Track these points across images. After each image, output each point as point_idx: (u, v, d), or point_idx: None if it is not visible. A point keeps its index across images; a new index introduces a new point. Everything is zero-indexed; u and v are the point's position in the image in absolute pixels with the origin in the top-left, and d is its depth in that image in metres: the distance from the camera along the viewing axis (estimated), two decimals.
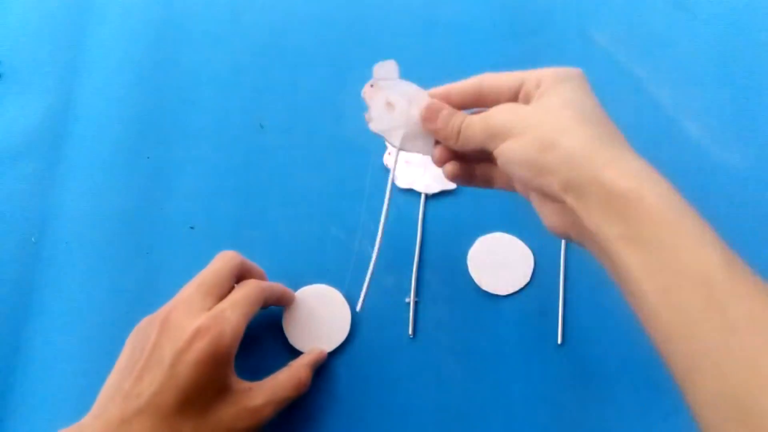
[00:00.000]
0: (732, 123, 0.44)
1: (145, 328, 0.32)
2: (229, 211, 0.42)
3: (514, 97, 0.32)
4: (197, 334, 0.30)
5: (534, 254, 0.40)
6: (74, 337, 0.39)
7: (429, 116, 0.33)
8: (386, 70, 0.35)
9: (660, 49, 0.47)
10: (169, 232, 0.42)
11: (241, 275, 0.36)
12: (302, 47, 0.48)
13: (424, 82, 0.35)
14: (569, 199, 0.27)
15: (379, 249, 0.35)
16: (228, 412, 0.30)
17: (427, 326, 0.39)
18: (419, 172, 0.42)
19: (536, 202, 0.31)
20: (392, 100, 0.35)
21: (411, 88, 0.35)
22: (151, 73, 0.47)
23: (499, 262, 0.40)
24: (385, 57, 0.47)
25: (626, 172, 0.25)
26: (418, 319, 0.39)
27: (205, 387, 0.30)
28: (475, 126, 0.31)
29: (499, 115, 0.30)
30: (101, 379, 0.31)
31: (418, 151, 0.35)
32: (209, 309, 0.32)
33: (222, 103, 0.46)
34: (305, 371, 0.35)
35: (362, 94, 0.35)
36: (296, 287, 0.39)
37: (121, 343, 0.32)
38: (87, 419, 0.29)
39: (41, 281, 0.40)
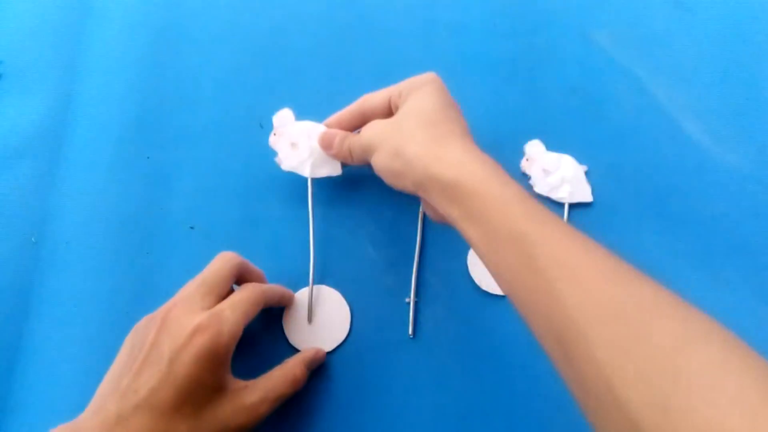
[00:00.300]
0: (732, 123, 0.44)
1: (145, 326, 0.32)
2: (229, 211, 0.42)
3: (388, 112, 0.37)
4: (196, 331, 0.30)
5: None
6: (74, 337, 0.39)
7: (324, 144, 0.40)
8: (283, 117, 0.41)
9: (660, 49, 0.47)
10: (169, 232, 0.42)
11: (240, 276, 0.36)
12: (302, 47, 0.48)
13: None
14: (422, 194, 0.32)
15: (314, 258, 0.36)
16: (224, 410, 0.30)
17: (427, 326, 0.39)
18: None
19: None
20: (294, 140, 0.40)
21: (308, 125, 0.40)
22: (151, 73, 0.47)
23: None
24: (385, 57, 0.47)
25: (451, 165, 0.30)
26: (418, 319, 0.39)
27: (202, 384, 0.30)
28: (355, 145, 0.37)
29: (366, 132, 0.36)
30: (101, 379, 0.31)
31: (328, 174, 0.40)
32: (209, 308, 0.32)
33: (222, 103, 0.46)
34: (300, 368, 0.35)
35: (269, 144, 0.40)
36: (296, 288, 0.39)
37: (121, 342, 0.32)
38: (84, 415, 0.29)
39: (41, 281, 0.40)
